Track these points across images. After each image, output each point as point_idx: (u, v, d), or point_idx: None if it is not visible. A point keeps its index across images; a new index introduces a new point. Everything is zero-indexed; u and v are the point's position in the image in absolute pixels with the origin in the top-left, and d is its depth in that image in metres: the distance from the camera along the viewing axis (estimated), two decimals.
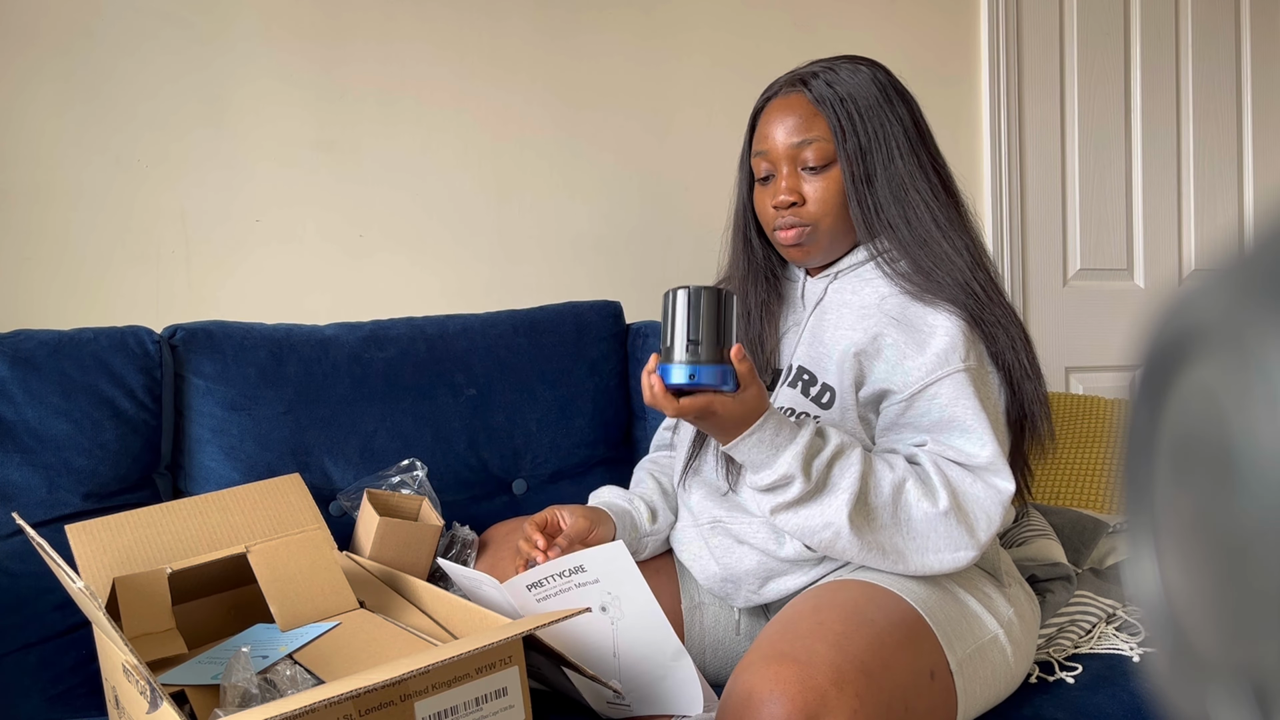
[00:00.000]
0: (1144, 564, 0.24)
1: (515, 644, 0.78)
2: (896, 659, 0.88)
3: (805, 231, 1.08)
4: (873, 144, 1.05)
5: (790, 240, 1.09)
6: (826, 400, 1.07)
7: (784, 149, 1.08)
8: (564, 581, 1.00)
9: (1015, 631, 1.02)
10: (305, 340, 1.42)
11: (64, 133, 1.60)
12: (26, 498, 1.21)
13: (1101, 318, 2.41)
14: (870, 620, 0.91)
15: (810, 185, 1.08)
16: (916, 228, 1.05)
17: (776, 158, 1.09)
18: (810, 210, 1.08)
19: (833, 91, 1.07)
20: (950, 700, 0.93)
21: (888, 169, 1.06)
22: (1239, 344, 0.19)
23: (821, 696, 0.81)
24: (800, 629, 0.89)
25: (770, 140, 1.09)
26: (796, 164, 1.08)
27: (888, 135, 1.06)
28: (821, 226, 1.08)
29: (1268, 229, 0.20)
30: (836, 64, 1.10)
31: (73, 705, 1.13)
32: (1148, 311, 0.24)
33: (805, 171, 1.08)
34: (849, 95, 1.06)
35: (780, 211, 1.09)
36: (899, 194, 1.05)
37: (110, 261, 1.62)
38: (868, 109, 1.06)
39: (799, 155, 1.07)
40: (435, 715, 0.74)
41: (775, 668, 0.83)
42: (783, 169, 1.08)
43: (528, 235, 1.88)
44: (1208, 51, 2.52)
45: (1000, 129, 2.28)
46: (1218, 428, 0.20)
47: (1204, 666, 0.21)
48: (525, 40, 1.87)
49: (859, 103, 1.06)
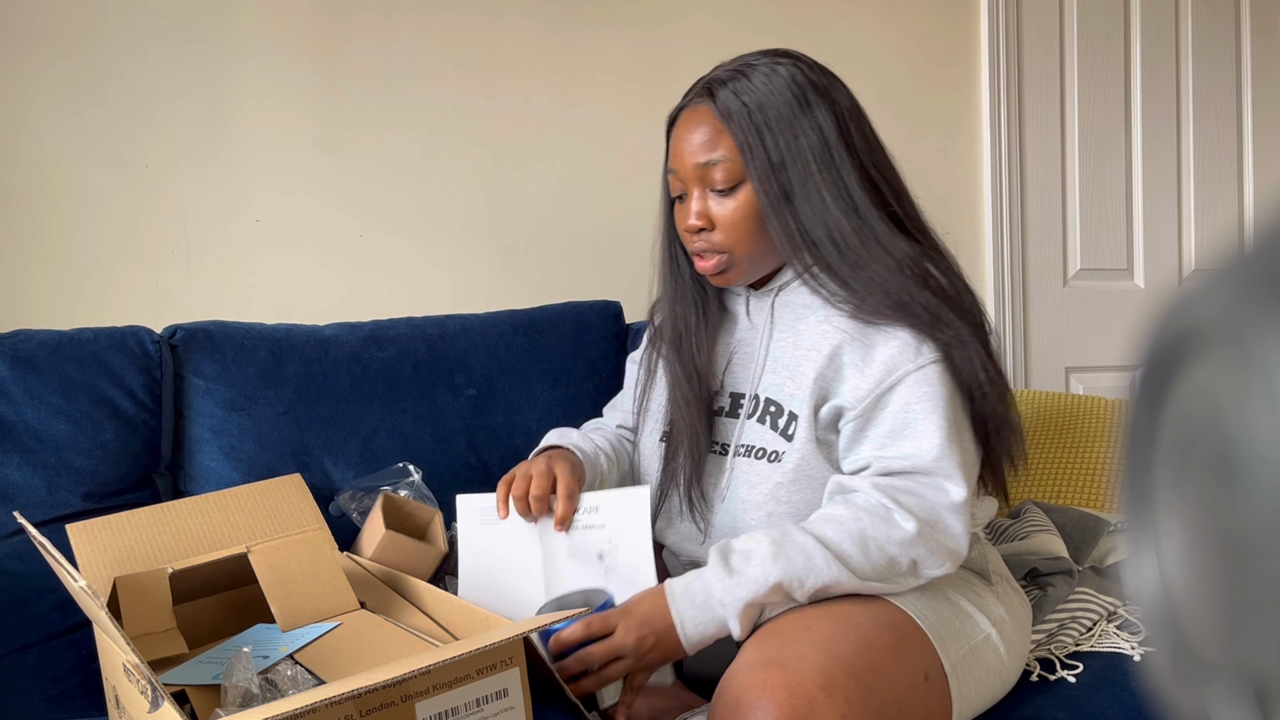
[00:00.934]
0: (1144, 563, 0.24)
1: (516, 645, 0.78)
2: (887, 663, 0.87)
3: (722, 259, 1.02)
4: (786, 158, 0.97)
5: (709, 270, 1.03)
6: (791, 431, 1.02)
7: (691, 169, 1.00)
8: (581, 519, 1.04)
9: (1007, 629, 1.01)
10: (305, 340, 1.42)
11: (64, 133, 1.60)
12: (26, 498, 1.21)
13: (1101, 318, 2.41)
14: (859, 625, 0.90)
15: (720, 207, 1.00)
16: (843, 247, 0.97)
17: (686, 177, 1.02)
18: (719, 238, 1.01)
19: (739, 102, 0.98)
20: (945, 702, 0.92)
21: (806, 184, 0.97)
22: (1239, 344, 0.19)
23: (810, 702, 0.80)
24: (789, 634, 0.88)
25: (679, 158, 1.02)
26: (705, 185, 1.01)
27: (804, 146, 0.97)
28: (738, 253, 1.02)
29: (1268, 229, 0.20)
30: (751, 67, 1.00)
31: (73, 705, 1.13)
32: (1148, 311, 0.24)
33: (714, 193, 1.00)
34: (759, 105, 0.97)
35: (693, 236, 1.03)
36: (820, 210, 0.97)
37: (110, 262, 1.62)
38: (779, 119, 0.97)
39: (706, 176, 1.00)
40: (436, 716, 0.74)
41: (763, 673, 0.82)
42: (693, 190, 1.02)
43: (528, 235, 1.88)
44: (1208, 51, 2.52)
45: (1000, 129, 2.28)
46: (1218, 428, 0.20)
47: (1204, 666, 0.21)
48: (526, 40, 1.87)
49: (769, 113, 0.97)
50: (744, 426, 1.07)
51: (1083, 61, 2.39)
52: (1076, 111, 2.38)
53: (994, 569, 1.08)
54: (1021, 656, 1.04)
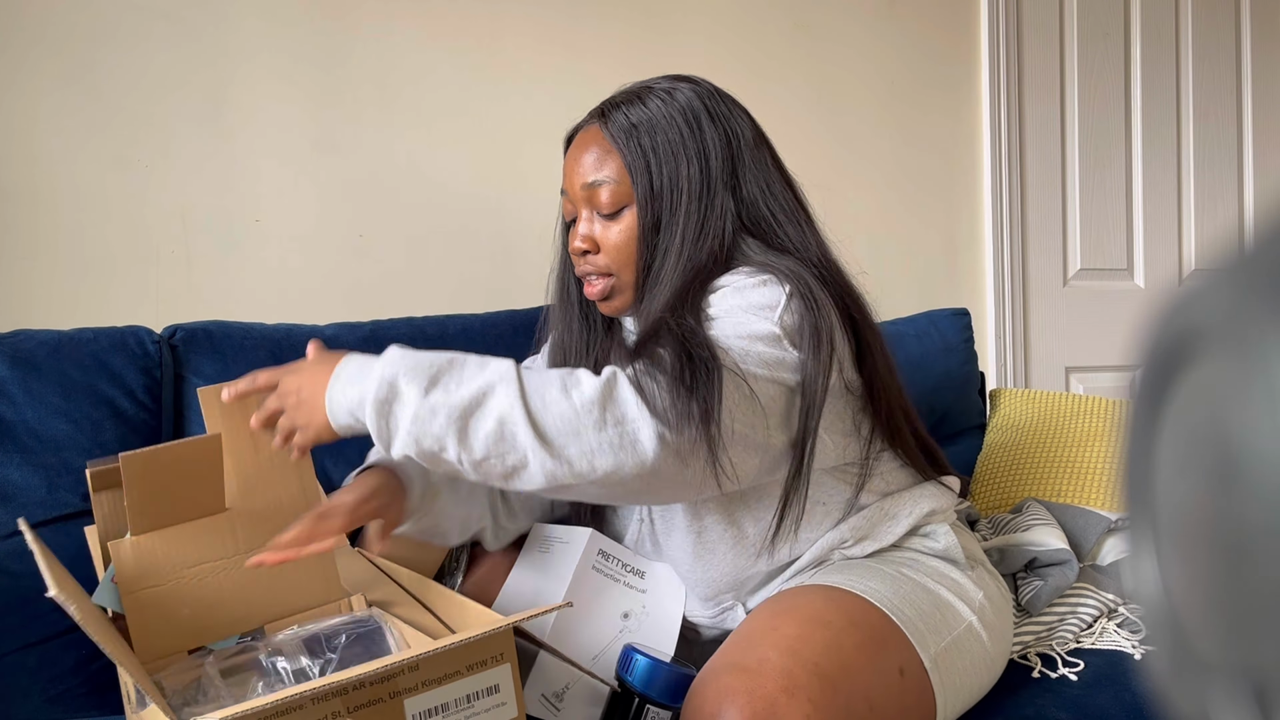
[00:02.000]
0: (1144, 563, 0.24)
1: (507, 641, 0.78)
2: (856, 660, 0.86)
3: (608, 284, 0.99)
4: (666, 186, 0.94)
5: (595, 295, 1.00)
6: None
7: (579, 190, 0.99)
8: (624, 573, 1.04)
9: (988, 615, 1.00)
10: (305, 340, 1.42)
11: (64, 133, 1.60)
12: (26, 498, 1.21)
13: (1101, 318, 2.41)
14: (827, 623, 0.88)
15: (606, 231, 0.98)
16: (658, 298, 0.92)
17: (575, 198, 1.00)
18: (603, 261, 0.98)
19: (630, 123, 0.96)
20: (927, 697, 0.91)
21: (674, 216, 0.94)
22: (1239, 344, 0.19)
23: (771, 704, 0.79)
24: (753, 638, 0.88)
25: (569, 178, 1.00)
26: (592, 207, 0.99)
27: (683, 175, 0.94)
28: (623, 278, 0.99)
29: (1268, 229, 0.20)
30: (649, 90, 0.99)
31: (72, 705, 1.13)
32: (1148, 311, 0.24)
33: (600, 216, 0.98)
34: (649, 127, 0.95)
35: (578, 259, 1.01)
36: (679, 249, 0.93)
37: (110, 261, 1.62)
38: (666, 144, 0.94)
39: (592, 197, 0.98)
40: (425, 713, 0.73)
41: (725, 678, 0.82)
42: (581, 212, 1.00)
43: (528, 235, 1.88)
44: (1208, 51, 2.52)
45: (1000, 129, 2.28)
46: (1218, 428, 0.20)
47: (1204, 666, 0.21)
48: (526, 40, 1.87)
49: (658, 136, 0.95)
50: None
51: (1083, 61, 2.39)
52: (1076, 111, 2.38)
53: (969, 554, 1.07)
54: (1006, 641, 1.03)
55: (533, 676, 0.94)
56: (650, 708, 0.90)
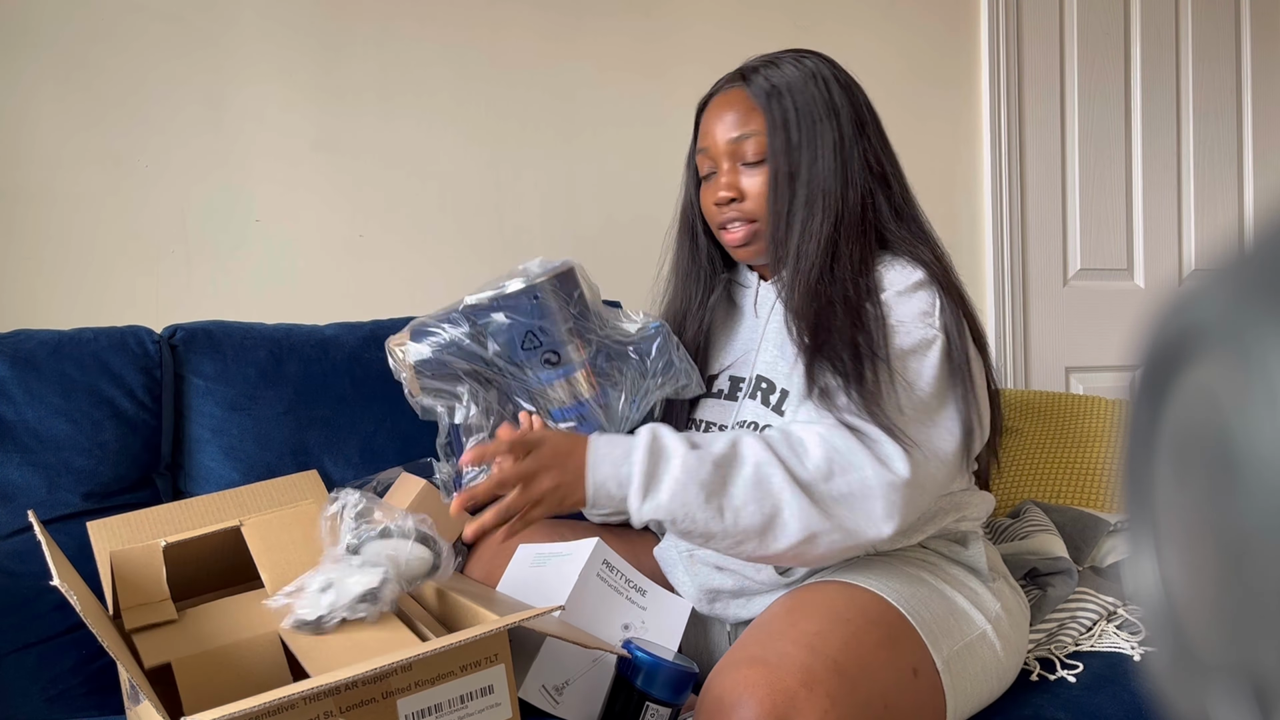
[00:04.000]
0: (1144, 564, 0.24)
1: (501, 641, 0.78)
2: (874, 658, 0.87)
3: (750, 229, 1.07)
4: (803, 140, 1.03)
5: (737, 240, 1.08)
6: (782, 406, 1.05)
7: (723, 145, 1.07)
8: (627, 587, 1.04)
9: (1004, 626, 1.01)
10: (305, 340, 1.42)
11: (64, 133, 1.60)
12: (26, 498, 1.21)
13: (1101, 318, 2.41)
14: (846, 620, 0.89)
15: (749, 180, 1.06)
16: (805, 243, 1.01)
17: (717, 154, 1.07)
18: (749, 206, 1.06)
19: (770, 85, 1.05)
20: (938, 698, 0.92)
21: (810, 169, 1.03)
22: (1239, 344, 0.19)
23: (791, 698, 0.80)
24: (773, 631, 0.88)
25: (711, 137, 1.08)
26: (736, 159, 1.06)
27: (819, 134, 1.03)
28: (765, 223, 1.06)
29: (1268, 229, 0.20)
30: (780, 57, 1.08)
31: (72, 705, 1.13)
32: (1148, 311, 0.24)
33: (744, 167, 1.06)
34: (787, 88, 1.04)
35: (722, 208, 1.08)
36: (811, 199, 1.02)
37: (110, 261, 1.62)
38: (805, 105, 1.04)
39: (737, 150, 1.06)
40: (418, 713, 0.73)
41: (745, 671, 0.82)
42: (723, 165, 1.07)
43: (528, 235, 1.88)
44: (1208, 51, 2.52)
45: (1000, 129, 2.28)
46: (1218, 428, 0.20)
47: (1204, 666, 0.21)
48: (525, 39, 1.87)
49: (796, 97, 1.04)
50: (742, 406, 1.09)
51: (1083, 61, 2.39)
52: (1076, 111, 2.38)
53: (991, 566, 1.08)
54: (1019, 654, 1.04)
55: (534, 668, 0.95)
56: (650, 705, 0.90)
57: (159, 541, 0.96)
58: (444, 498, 1.08)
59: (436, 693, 0.74)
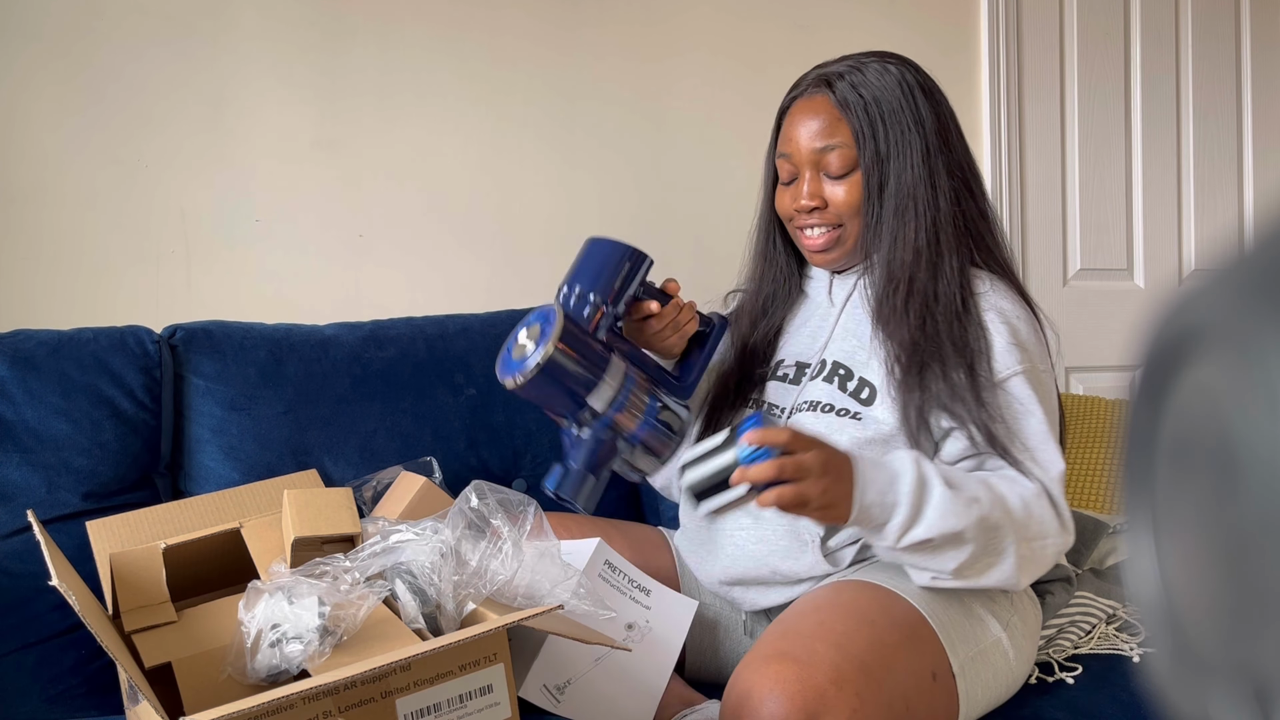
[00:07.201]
0: (1144, 563, 0.24)
1: (500, 640, 0.78)
2: (898, 659, 0.88)
3: (833, 236, 1.08)
4: (891, 151, 1.04)
5: (817, 246, 1.09)
6: (866, 396, 1.05)
7: (807, 153, 1.07)
8: (630, 587, 1.04)
9: (1017, 634, 1.02)
10: (305, 340, 1.42)
11: (64, 133, 1.60)
12: (26, 498, 1.21)
13: (1101, 318, 2.41)
14: (872, 621, 0.90)
15: (833, 190, 1.06)
16: (899, 249, 1.04)
17: (800, 161, 1.08)
18: (832, 216, 1.07)
19: (858, 95, 1.05)
20: (952, 702, 0.93)
21: (900, 179, 1.04)
22: (1239, 344, 0.19)
23: (821, 695, 0.80)
24: (801, 629, 0.89)
25: (794, 143, 1.08)
26: (819, 169, 1.07)
27: (907, 143, 1.04)
28: (850, 229, 1.08)
29: (1268, 229, 0.20)
30: (865, 63, 1.07)
31: (72, 705, 1.13)
32: (1148, 311, 0.24)
33: (828, 178, 1.07)
34: (874, 98, 1.04)
35: (803, 215, 1.08)
36: (902, 207, 1.04)
37: (110, 261, 1.62)
38: (891, 114, 1.04)
39: (822, 160, 1.06)
40: (417, 712, 0.73)
41: (775, 666, 0.83)
42: (805, 173, 1.07)
43: (528, 235, 1.88)
44: (1208, 51, 2.51)
45: (1000, 129, 2.28)
46: (1218, 428, 0.20)
47: (1204, 666, 0.21)
48: (525, 39, 1.87)
49: (883, 107, 1.04)
50: (806, 387, 1.09)
51: (1083, 60, 2.39)
52: (1076, 111, 2.38)
53: None
54: (1028, 662, 1.05)
55: (535, 667, 0.95)
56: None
57: (158, 544, 0.95)
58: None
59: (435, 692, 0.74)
